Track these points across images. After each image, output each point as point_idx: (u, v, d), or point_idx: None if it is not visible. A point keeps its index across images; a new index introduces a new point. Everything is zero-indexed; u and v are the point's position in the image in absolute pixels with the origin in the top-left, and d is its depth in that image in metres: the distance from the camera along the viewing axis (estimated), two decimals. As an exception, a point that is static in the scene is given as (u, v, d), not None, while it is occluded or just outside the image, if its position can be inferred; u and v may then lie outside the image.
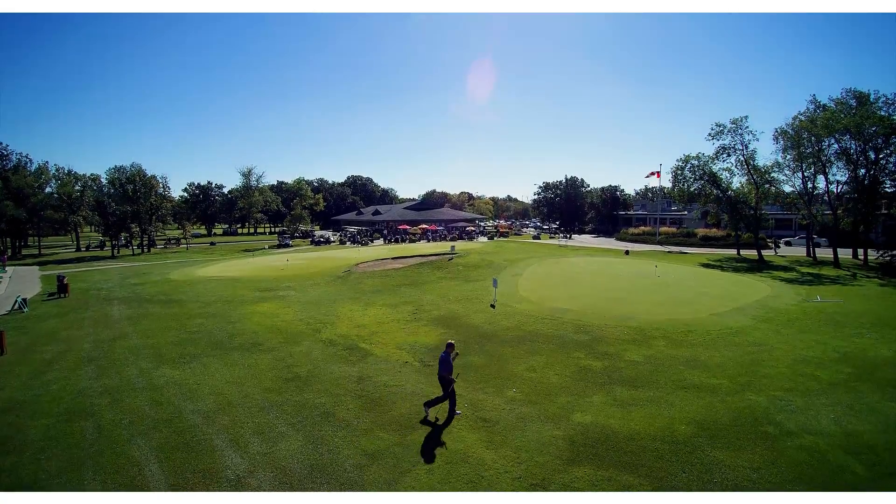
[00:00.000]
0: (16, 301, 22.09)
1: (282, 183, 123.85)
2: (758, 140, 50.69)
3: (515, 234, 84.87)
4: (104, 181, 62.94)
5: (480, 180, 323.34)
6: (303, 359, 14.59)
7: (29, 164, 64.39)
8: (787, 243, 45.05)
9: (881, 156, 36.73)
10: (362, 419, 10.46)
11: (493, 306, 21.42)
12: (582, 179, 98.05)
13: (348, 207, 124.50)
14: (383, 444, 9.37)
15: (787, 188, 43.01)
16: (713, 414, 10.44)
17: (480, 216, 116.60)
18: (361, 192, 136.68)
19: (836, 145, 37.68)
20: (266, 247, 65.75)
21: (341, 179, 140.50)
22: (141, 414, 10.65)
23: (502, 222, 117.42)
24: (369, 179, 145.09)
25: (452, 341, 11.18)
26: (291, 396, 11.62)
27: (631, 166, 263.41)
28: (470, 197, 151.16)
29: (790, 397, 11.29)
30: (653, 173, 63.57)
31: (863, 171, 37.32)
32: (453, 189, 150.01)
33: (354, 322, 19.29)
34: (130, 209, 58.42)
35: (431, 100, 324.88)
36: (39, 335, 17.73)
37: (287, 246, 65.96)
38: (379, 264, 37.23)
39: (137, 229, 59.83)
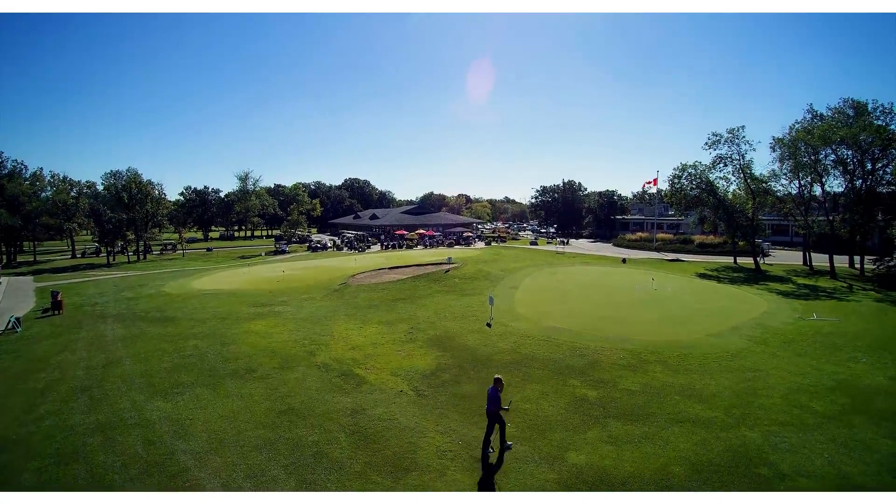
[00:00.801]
0: (9, 321, 21.93)
1: (279, 186, 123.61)
2: (755, 150, 51.05)
3: (513, 238, 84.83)
4: (100, 187, 62.75)
5: (478, 181, 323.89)
6: (297, 387, 14.51)
7: (24, 171, 64.12)
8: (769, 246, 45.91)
9: (878, 166, 36.89)
10: (355, 459, 10.39)
11: (489, 325, 21.37)
12: (579, 183, 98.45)
13: (345, 211, 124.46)
14: (376, 489, 9.31)
15: (783, 193, 43.04)
16: (707, 453, 10.41)
17: (478, 220, 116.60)
18: (359, 195, 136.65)
19: (832, 155, 37.83)
20: (262, 253, 65.56)
21: (338, 182, 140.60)
22: (133, 455, 10.56)
23: (500, 225, 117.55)
24: (366, 182, 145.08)
25: (500, 376, 11.04)
26: (284, 433, 11.54)
27: (629, 167, 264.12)
28: (467, 200, 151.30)
29: (784, 433, 11.28)
30: (650, 182, 63.84)
31: (859, 181, 37.44)
32: (451, 191, 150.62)
33: (349, 343, 19.21)
34: (126, 216, 58.19)
35: (429, 101, 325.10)
36: (32, 360, 17.60)
37: (284, 252, 65.83)
38: (375, 275, 37.15)
39: (133, 237, 59.57)
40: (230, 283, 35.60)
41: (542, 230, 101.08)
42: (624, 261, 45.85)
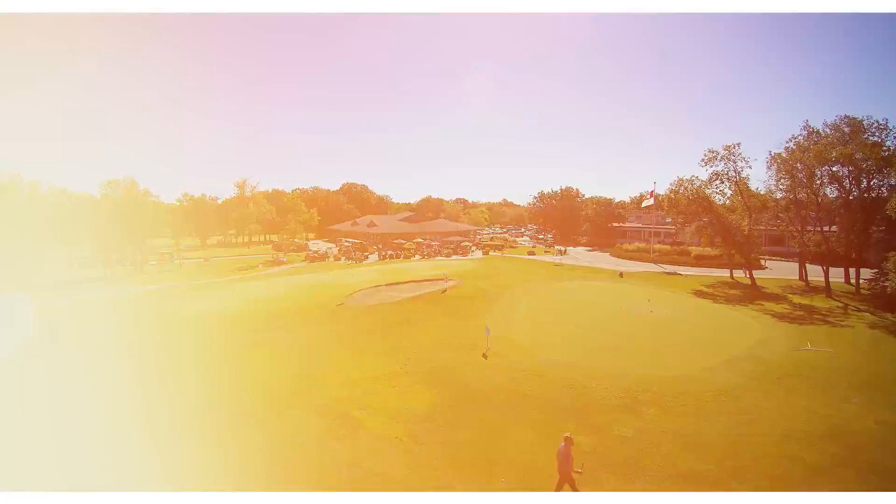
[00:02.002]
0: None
1: (277, 191, 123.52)
2: (751, 168, 51.38)
3: (510, 246, 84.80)
4: (97, 198, 62.54)
5: (476, 183, 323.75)
6: (293, 434, 14.58)
7: (20, 183, 63.85)
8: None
9: (873, 182, 37.14)
10: (351, 523, 10.48)
11: (485, 356, 21.51)
12: (577, 190, 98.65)
13: (343, 216, 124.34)
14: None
15: (778, 195, 43.01)
16: (698, 515, 10.54)
17: (475, 227, 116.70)
18: (357, 200, 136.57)
19: (829, 172, 38.02)
20: (259, 265, 65.39)
21: (336, 186, 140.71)
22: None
23: (499, 230, 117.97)
24: (364, 187, 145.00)
25: (569, 434, 11.23)
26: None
27: (628, 167, 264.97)
28: (465, 205, 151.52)
29: (773, 490, 11.40)
30: (646, 195, 64.12)
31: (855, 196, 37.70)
32: (449, 194, 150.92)
33: (347, 377, 19.27)
34: (123, 229, 58.09)
35: (428, 103, 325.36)
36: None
37: (282, 263, 65.68)
38: (373, 293, 37.30)
39: (130, 249, 59.51)
40: (228, 304, 35.42)
41: (541, 236, 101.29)
42: (621, 275, 46.03)
